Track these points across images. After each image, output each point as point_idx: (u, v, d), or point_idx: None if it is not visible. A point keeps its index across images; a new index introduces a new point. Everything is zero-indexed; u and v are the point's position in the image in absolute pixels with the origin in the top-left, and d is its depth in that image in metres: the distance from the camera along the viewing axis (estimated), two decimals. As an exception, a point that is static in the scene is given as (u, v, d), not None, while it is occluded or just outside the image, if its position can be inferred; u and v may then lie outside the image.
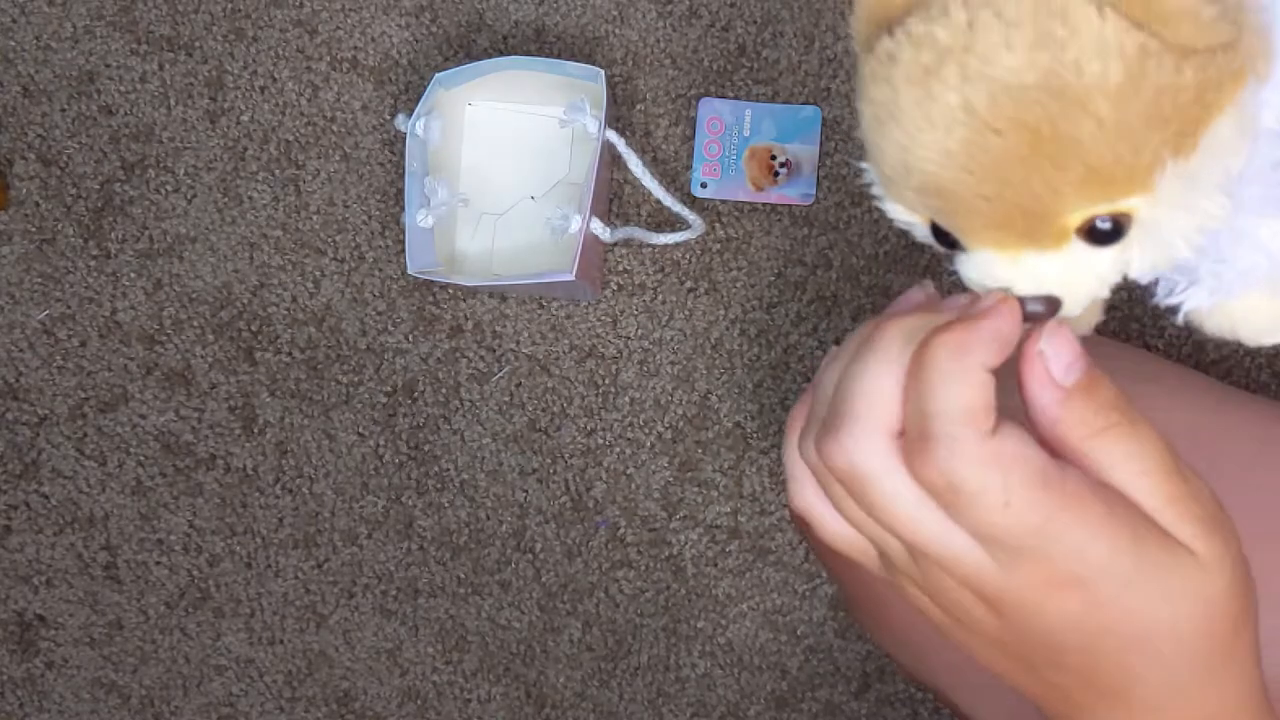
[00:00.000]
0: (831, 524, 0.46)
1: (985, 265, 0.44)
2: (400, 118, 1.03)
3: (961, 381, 0.40)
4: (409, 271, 1.01)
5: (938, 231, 0.44)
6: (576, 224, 0.99)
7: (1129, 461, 0.42)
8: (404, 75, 1.10)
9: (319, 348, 1.11)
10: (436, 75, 1.03)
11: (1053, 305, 0.43)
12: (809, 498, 0.47)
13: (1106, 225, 0.42)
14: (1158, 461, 0.42)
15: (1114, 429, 0.42)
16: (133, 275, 1.11)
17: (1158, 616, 0.43)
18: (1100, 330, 0.61)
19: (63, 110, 1.11)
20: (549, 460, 1.11)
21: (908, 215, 0.45)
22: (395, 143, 1.10)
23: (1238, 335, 0.52)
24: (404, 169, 1.04)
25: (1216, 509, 0.44)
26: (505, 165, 1.08)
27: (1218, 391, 0.76)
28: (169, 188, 1.11)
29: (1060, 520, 0.41)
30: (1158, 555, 0.42)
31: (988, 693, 0.77)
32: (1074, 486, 0.41)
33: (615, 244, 1.08)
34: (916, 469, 0.41)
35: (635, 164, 1.02)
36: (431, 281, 1.10)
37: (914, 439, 0.41)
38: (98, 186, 1.11)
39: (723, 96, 1.08)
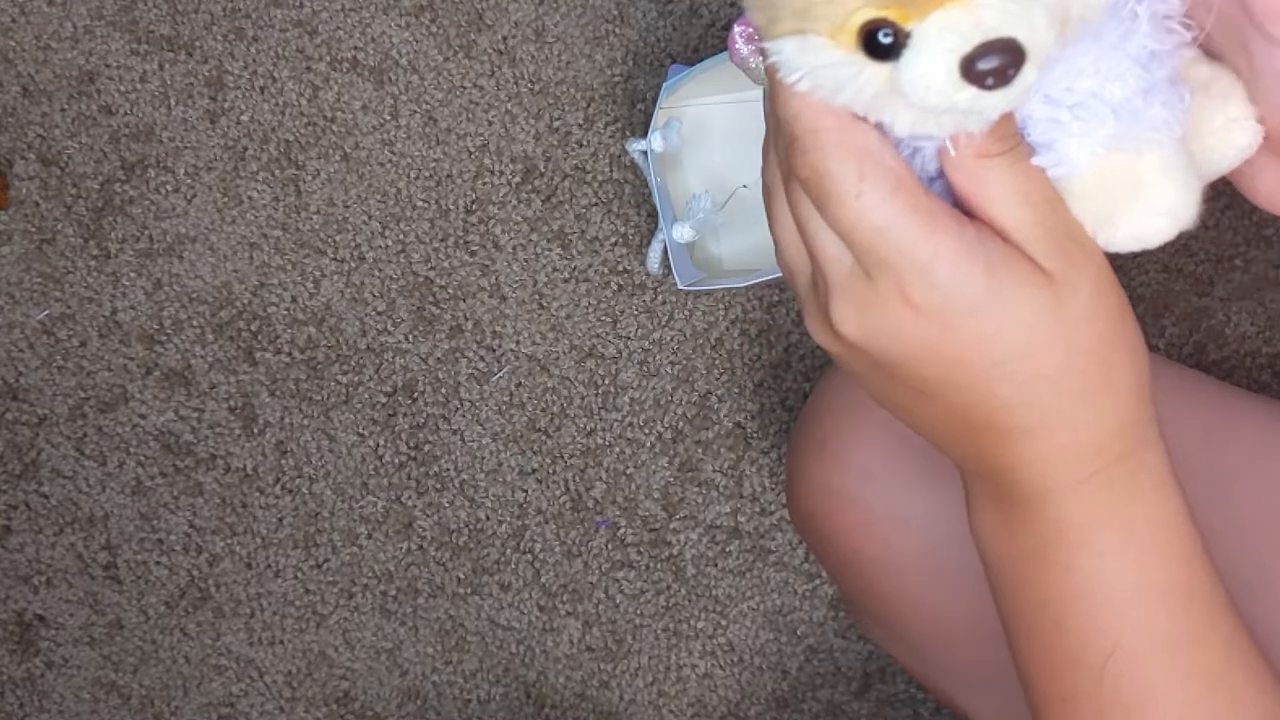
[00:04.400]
0: (777, 228, 0.48)
1: (941, 36, 0.39)
2: (632, 140, 1.01)
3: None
4: (680, 287, 1.00)
5: (870, 40, 0.40)
6: None
7: (1002, 186, 0.42)
8: (404, 75, 1.10)
9: (319, 348, 1.11)
10: (664, 86, 1.00)
11: (1014, 51, 0.39)
12: (776, 206, 0.48)
13: None
14: (1026, 186, 0.43)
15: (1009, 154, 0.42)
16: (133, 275, 1.11)
17: (1012, 341, 0.43)
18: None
19: (63, 110, 1.11)
20: (549, 460, 1.11)
21: (834, 52, 0.41)
22: (395, 143, 1.10)
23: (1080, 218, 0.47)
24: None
25: (1075, 234, 0.43)
26: (717, 160, 1.06)
27: (1219, 391, 0.76)
28: (169, 188, 1.11)
29: (907, 229, 0.41)
30: (1008, 280, 0.42)
31: (989, 692, 0.77)
32: (927, 202, 0.42)
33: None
34: (794, 170, 0.43)
35: None
36: (431, 281, 1.10)
37: (786, 144, 0.43)
38: (98, 186, 1.11)
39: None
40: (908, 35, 0.39)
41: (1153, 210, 0.43)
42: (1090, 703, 0.47)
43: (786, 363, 1.09)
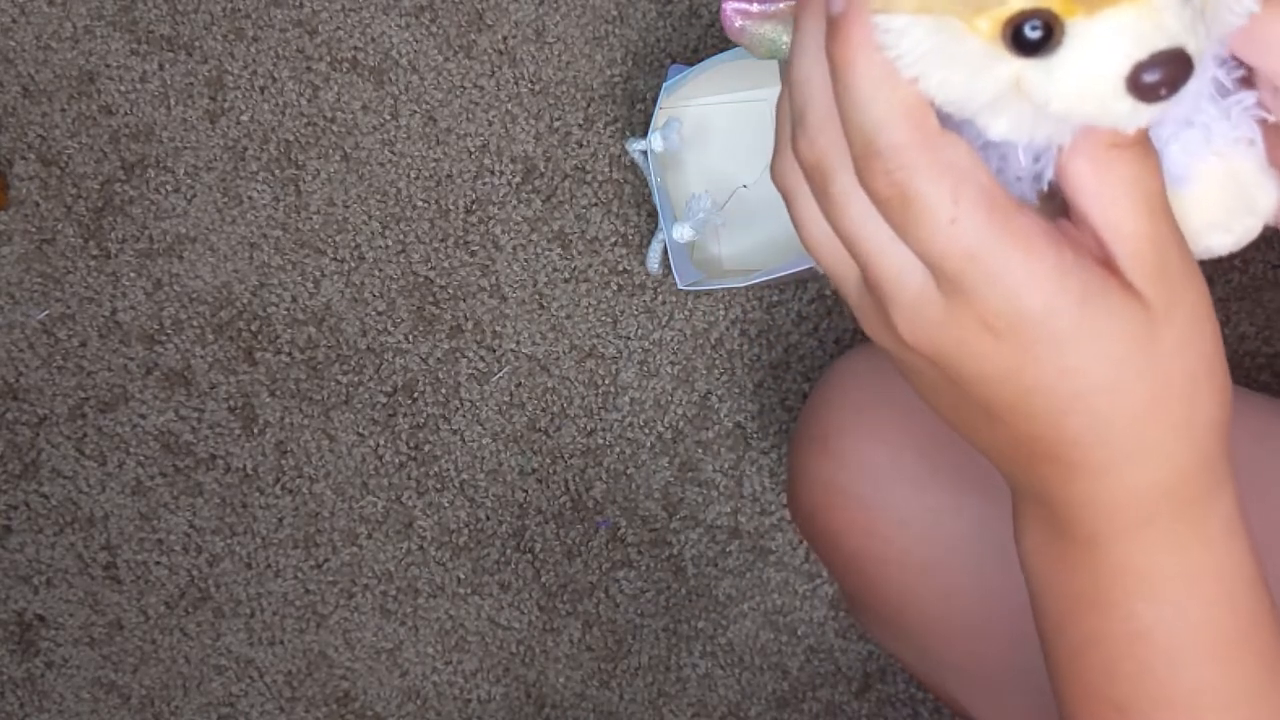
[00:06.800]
0: (813, 229, 0.43)
1: (1114, 39, 0.35)
2: (632, 140, 1.01)
3: (890, 87, 0.37)
4: (680, 287, 1.00)
5: (1018, 34, 0.36)
6: None
7: (1126, 185, 0.39)
8: (404, 75, 1.10)
9: (319, 348, 1.11)
10: (663, 86, 1.00)
11: (1185, 63, 0.36)
12: (797, 184, 0.43)
13: None
14: (1149, 190, 0.39)
15: (1141, 148, 0.39)
16: (133, 275, 1.11)
17: (1096, 375, 0.39)
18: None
19: (63, 110, 1.11)
20: (549, 460, 1.11)
21: (970, 42, 0.36)
22: (395, 143, 1.10)
23: (1186, 227, 0.45)
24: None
25: (1181, 256, 0.40)
26: (717, 160, 1.06)
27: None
28: (169, 188, 1.11)
29: (999, 253, 0.38)
30: (1102, 311, 0.39)
31: (990, 691, 0.77)
32: (1023, 222, 0.38)
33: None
34: (866, 181, 0.38)
35: None
36: (432, 281, 1.10)
37: (860, 152, 0.38)
38: (98, 186, 1.11)
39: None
40: (1062, 31, 0.35)
41: (1254, 210, 0.42)
42: None
43: (786, 363, 1.09)
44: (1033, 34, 0.35)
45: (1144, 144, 0.39)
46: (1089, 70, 0.35)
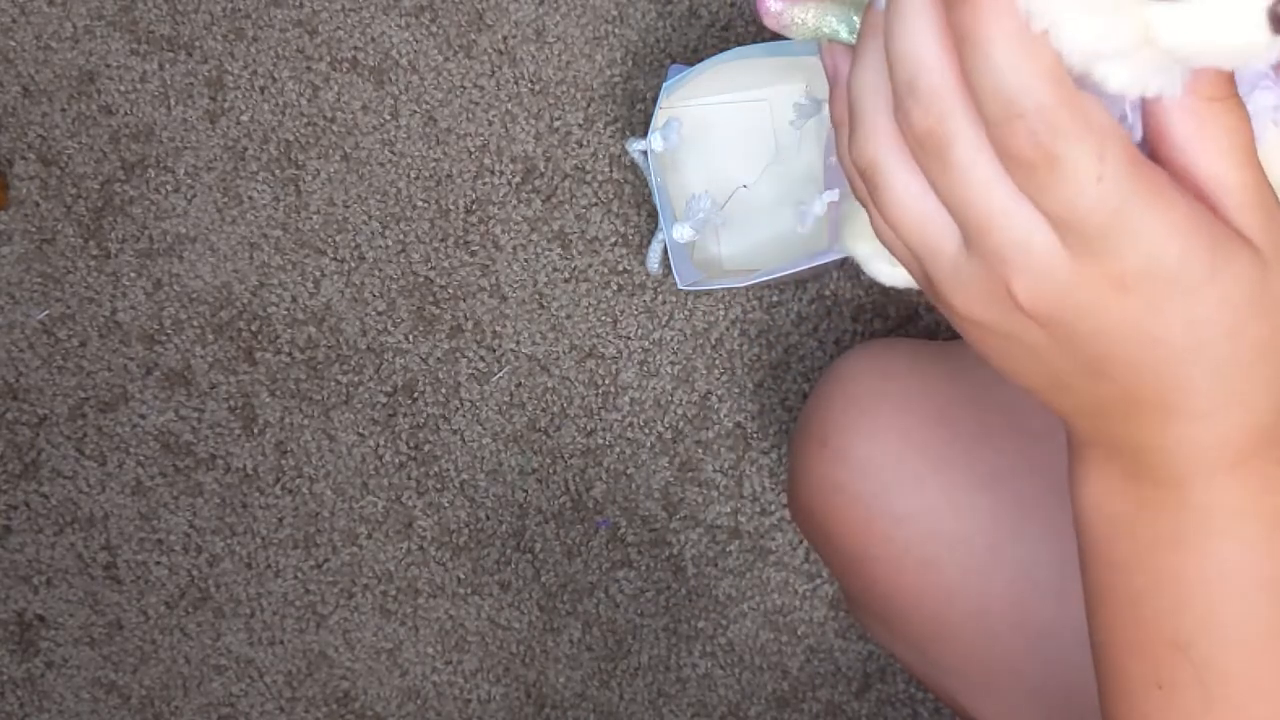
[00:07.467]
0: (879, 221, 0.43)
1: None
2: (632, 140, 1.01)
3: (1030, 49, 0.37)
4: (680, 287, 1.00)
5: None
6: (821, 204, 0.93)
7: (1228, 137, 0.39)
8: (404, 75, 1.10)
9: (319, 348, 1.11)
10: (663, 86, 1.00)
11: None
12: (864, 193, 0.43)
13: None
14: (1247, 142, 0.40)
15: (1234, 99, 0.39)
16: (133, 275, 1.11)
17: (1218, 323, 0.40)
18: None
19: (63, 110, 1.11)
20: (549, 460, 1.11)
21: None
22: (395, 143, 1.10)
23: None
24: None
25: (1277, 200, 0.41)
26: (717, 160, 1.05)
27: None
28: (169, 188, 1.11)
29: (1140, 209, 0.38)
30: (1227, 260, 0.39)
31: (990, 690, 0.77)
32: (1161, 177, 0.39)
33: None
34: (1007, 145, 0.38)
35: None
36: (432, 281, 1.10)
37: (999, 116, 0.38)
38: (98, 186, 1.11)
39: (723, 96, 1.08)
40: None
41: None
42: (1191, 691, 0.46)
43: (786, 363, 1.09)
44: None
45: (1237, 96, 0.39)
46: (1235, 4, 0.35)
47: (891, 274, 0.46)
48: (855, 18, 0.44)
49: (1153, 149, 0.40)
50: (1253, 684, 0.46)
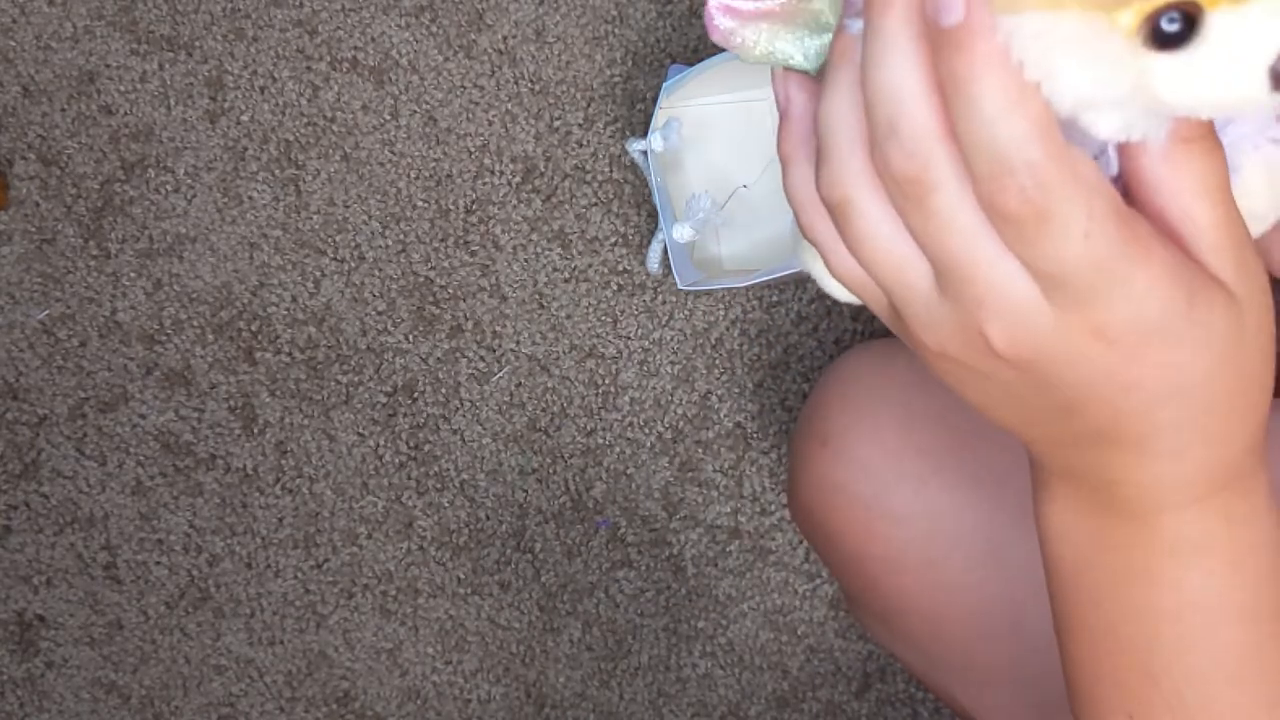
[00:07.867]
0: (842, 257, 0.42)
1: (1266, 27, 0.34)
2: (632, 140, 1.01)
3: (1022, 103, 0.36)
4: (680, 287, 1.00)
5: (1156, 28, 0.35)
6: None
7: (1203, 178, 0.39)
8: (404, 75, 1.10)
9: (319, 348, 1.11)
10: (663, 86, 1.00)
11: None
12: (821, 228, 0.42)
13: None
14: (1222, 182, 0.40)
15: (1208, 141, 0.39)
16: (133, 275, 1.11)
17: (1194, 368, 0.40)
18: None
19: (63, 110, 1.11)
20: (549, 460, 1.11)
21: (1111, 41, 0.35)
22: (395, 143, 1.10)
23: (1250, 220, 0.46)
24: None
25: (1250, 244, 0.41)
26: (717, 160, 1.05)
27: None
28: (169, 188, 1.11)
29: (1126, 264, 0.38)
30: (1204, 307, 0.39)
31: (990, 690, 0.77)
32: (1143, 227, 0.38)
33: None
34: (994, 198, 0.37)
35: None
36: (432, 281, 1.10)
37: (988, 171, 0.37)
38: (98, 186, 1.11)
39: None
40: (1201, 24, 0.34)
41: None
42: None
43: (786, 363, 1.09)
44: (1170, 26, 0.34)
45: (1214, 137, 0.39)
46: (1237, 60, 0.35)
47: (849, 294, 0.45)
48: (811, 40, 0.42)
49: (1127, 185, 0.40)
50: (1223, 714, 0.46)
